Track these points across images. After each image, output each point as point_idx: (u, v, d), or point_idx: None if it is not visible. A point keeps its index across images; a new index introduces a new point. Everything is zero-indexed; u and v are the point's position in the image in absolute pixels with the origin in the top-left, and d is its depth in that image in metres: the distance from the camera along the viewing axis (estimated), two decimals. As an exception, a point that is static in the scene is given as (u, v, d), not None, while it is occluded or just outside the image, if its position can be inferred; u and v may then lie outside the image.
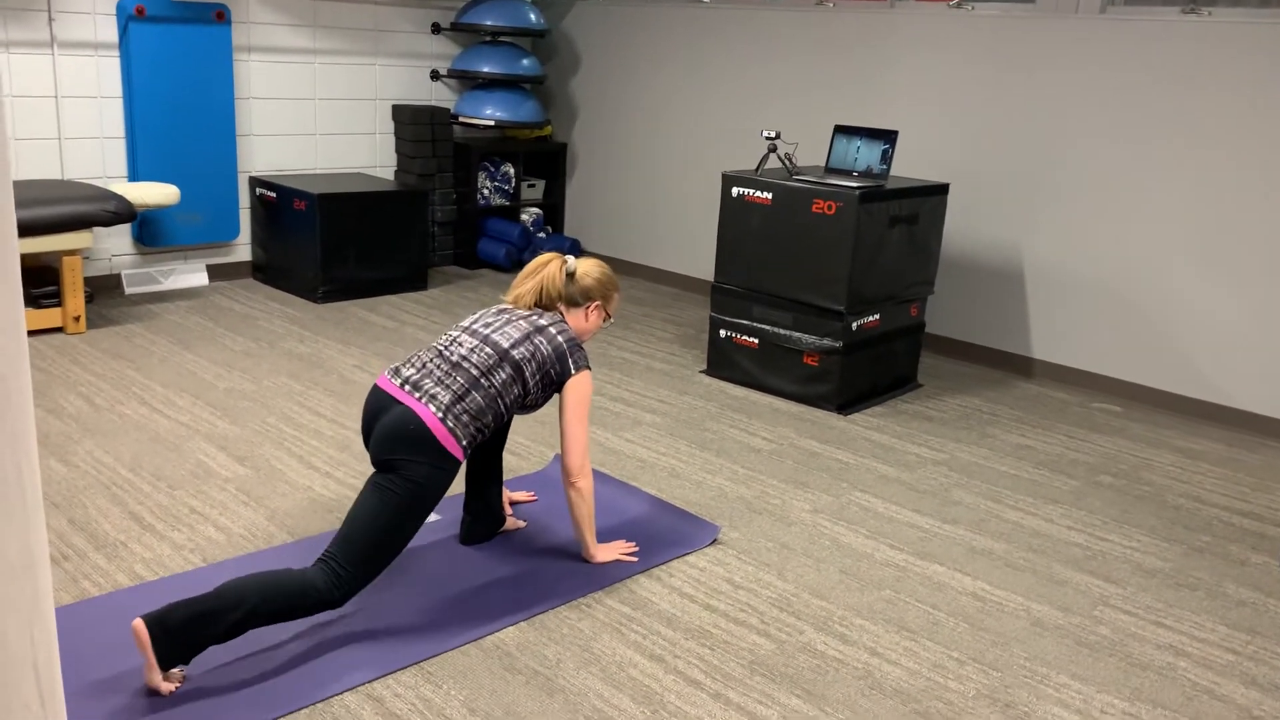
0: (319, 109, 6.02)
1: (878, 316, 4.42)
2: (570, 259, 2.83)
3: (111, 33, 5.18)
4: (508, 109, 6.29)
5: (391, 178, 6.43)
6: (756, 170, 4.55)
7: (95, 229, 5.26)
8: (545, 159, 6.95)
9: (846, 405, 4.36)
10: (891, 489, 3.57)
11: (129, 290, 5.44)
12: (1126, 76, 4.55)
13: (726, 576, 2.89)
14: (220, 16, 5.39)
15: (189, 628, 2.20)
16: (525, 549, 2.97)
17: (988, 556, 3.13)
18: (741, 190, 4.42)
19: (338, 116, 6.11)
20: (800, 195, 4.25)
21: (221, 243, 5.79)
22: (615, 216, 6.73)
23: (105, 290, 5.41)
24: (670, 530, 3.11)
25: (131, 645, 2.38)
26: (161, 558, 2.79)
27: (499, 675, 2.37)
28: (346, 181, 5.79)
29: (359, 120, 6.22)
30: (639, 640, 2.54)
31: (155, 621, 2.18)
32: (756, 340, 4.50)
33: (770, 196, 4.33)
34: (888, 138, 4.38)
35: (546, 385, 2.68)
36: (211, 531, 2.95)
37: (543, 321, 2.71)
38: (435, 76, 6.48)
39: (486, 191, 6.56)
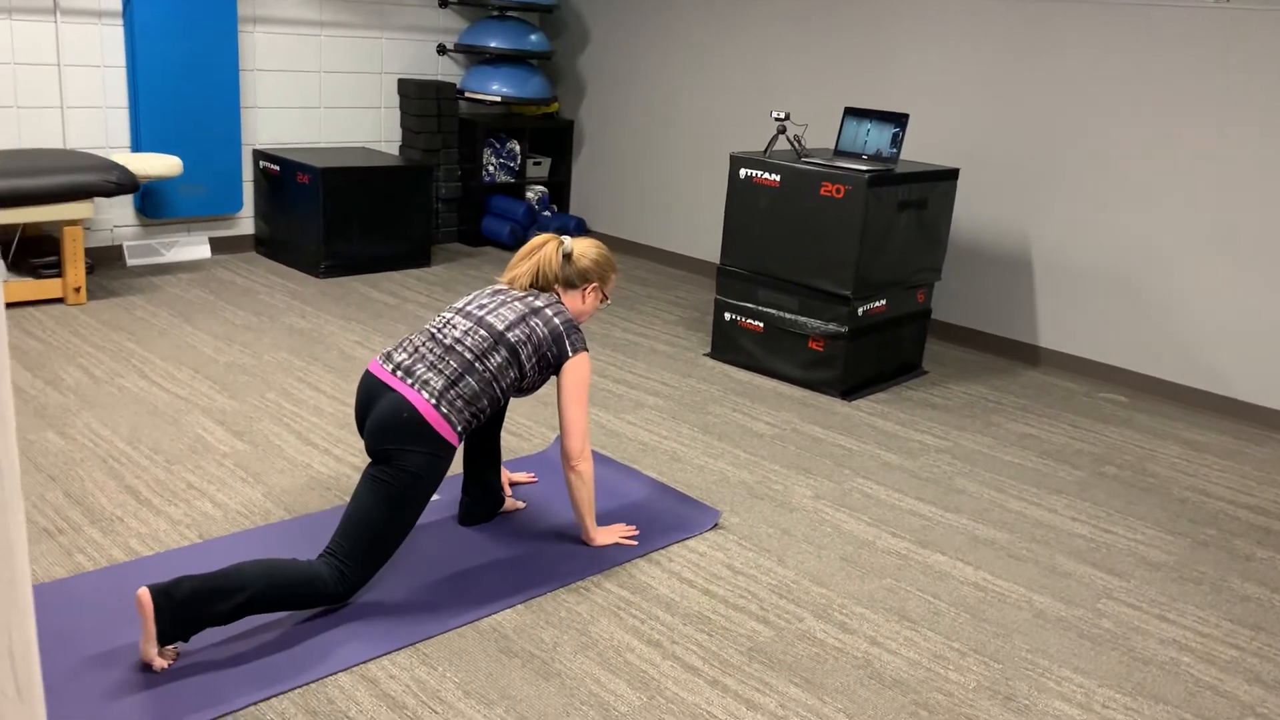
0: (324, 82, 5.96)
1: (884, 302, 4.38)
2: (567, 240, 2.78)
3: (115, 0, 5.12)
4: (514, 85, 6.23)
5: (396, 153, 6.38)
6: (765, 152, 4.50)
7: (97, 199, 5.22)
8: (551, 136, 6.90)
9: (851, 391, 4.33)
10: (894, 476, 3.55)
11: (130, 262, 5.40)
12: (1141, 60, 4.48)
13: (726, 562, 2.86)
14: (225, -14, 5.33)
15: (194, 603, 2.18)
16: (524, 531, 2.94)
17: (990, 546, 3.10)
18: (749, 172, 4.37)
19: (343, 90, 6.06)
20: (808, 178, 4.20)
21: (224, 215, 5.75)
22: (621, 196, 6.68)
23: (107, 261, 5.37)
24: (670, 514, 3.09)
25: (126, 620, 2.36)
26: (157, 533, 2.77)
27: (495, 658, 2.35)
28: (350, 156, 5.75)
29: (364, 94, 6.16)
30: (637, 625, 2.52)
31: (161, 592, 2.16)
32: (761, 324, 4.47)
33: (778, 178, 4.29)
34: (898, 121, 4.32)
35: (543, 368, 2.64)
36: (208, 507, 2.93)
37: (539, 303, 2.66)
38: (442, 51, 6.41)
39: (491, 168, 6.51)
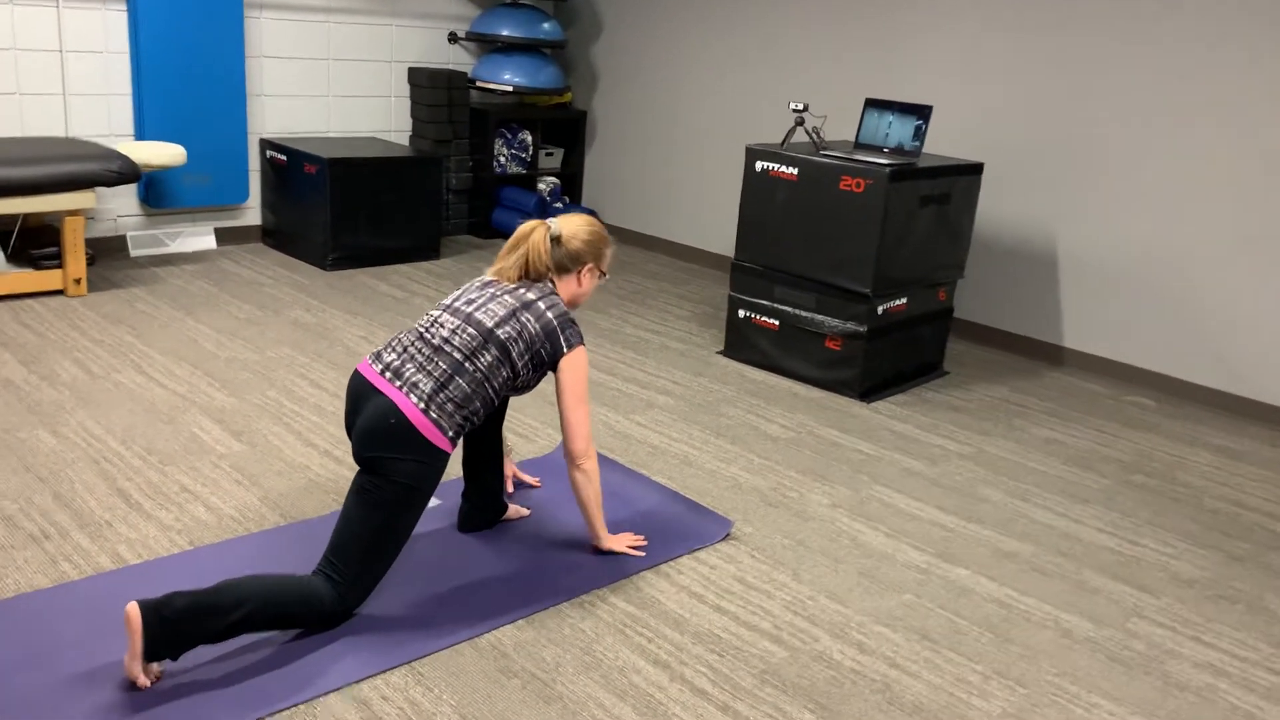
0: (333, 70, 5.85)
1: (905, 300, 4.24)
2: (554, 223, 2.59)
3: (119, -14, 5.02)
4: (527, 74, 6.10)
5: (406, 143, 6.26)
6: (782, 144, 4.36)
7: (99, 189, 5.13)
8: (564, 127, 6.76)
9: (869, 392, 4.19)
10: (914, 484, 3.41)
11: (134, 252, 5.30)
12: (1173, 52, 4.32)
13: (739, 575, 2.74)
14: (231, -29, 5.22)
15: (185, 620, 2.07)
16: (526, 540, 2.82)
17: (1014, 560, 2.97)
18: (766, 165, 4.23)
19: (352, 78, 5.94)
20: (828, 171, 4.06)
21: (230, 206, 5.65)
22: (634, 188, 6.54)
23: (110, 252, 5.28)
24: (681, 523, 2.96)
25: (110, 635, 2.25)
26: (147, 539, 2.66)
27: (493, 678, 2.23)
28: (359, 146, 5.63)
29: (374, 82, 6.04)
30: (644, 644, 2.40)
31: (151, 609, 2.05)
32: (777, 322, 4.33)
33: (796, 172, 4.15)
34: (921, 113, 4.18)
35: (537, 365, 2.50)
36: (201, 512, 2.83)
37: (530, 295, 2.50)
38: (453, 39, 6.28)
39: (503, 159, 6.38)
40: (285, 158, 5.45)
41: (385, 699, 2.14)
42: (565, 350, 2.49)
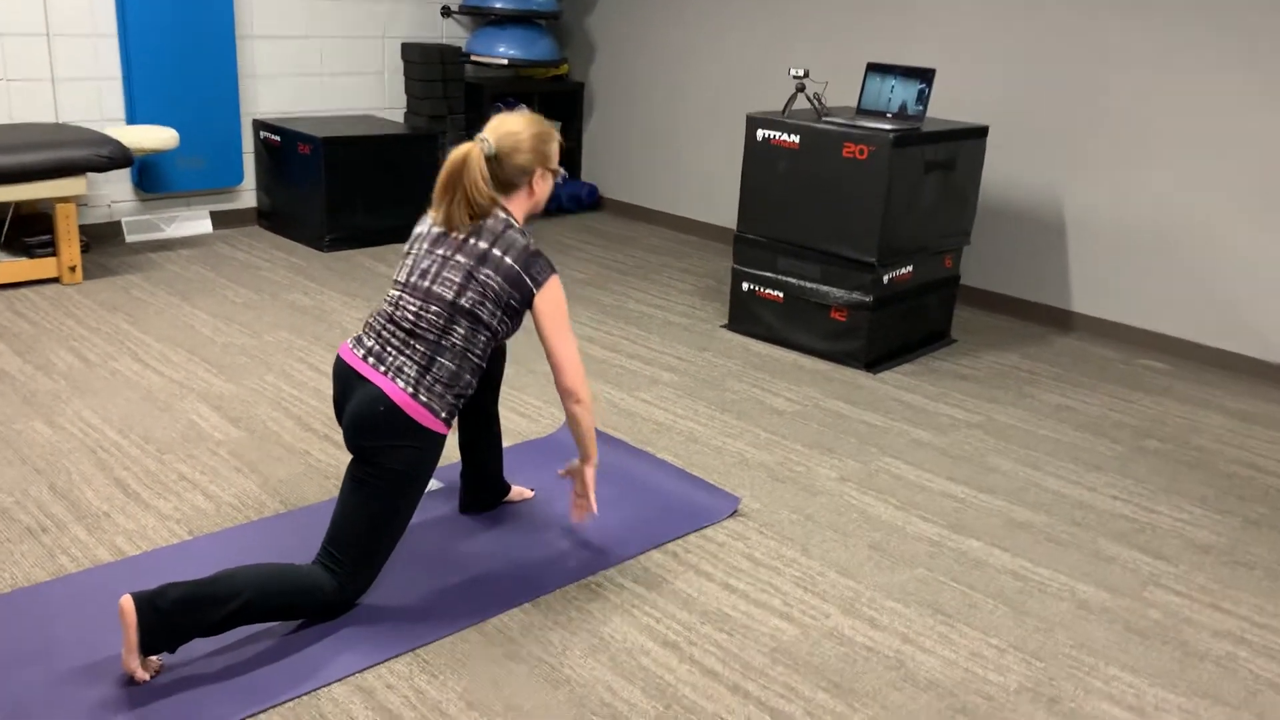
0: (324, 48, 5.76)
1: (910, 268, 4.17)
2: (487, 140, 2.32)
3: (104, -33, 4.93)
4: (522, 47, 6.01)
5: (400, 120, 6.18)
6: (783, 112, 4.28)
7: (91, 175, 5.06)
8: (561, 100, 6.67)
9: (876, 363, 4.13)
10: (924, 454, 3.36)
11: (130, 238, 5.25)
12: (1181, 9, 4.21)
13: (747, 553, 2.69)
14: (218, -51, 5.12)
15: (180, 612, 2.03)
16: (531, 521, 2.78)
17: (1028, 530, 2.92)
18: (767, 133, 4.15)
19: (344, 56, 5.85)
20: (830, 139, 3.98)
21: (225, 188, 5.58)
22: (635, 161, 6.46)
23: (106, 239, 5.22)
24: (687, 501, 2.92)
25: (109, 628, 2.21)
26: (145, 529, 2.62)
27: (500, 664, 2.19)
28: (353, 124, 5.55)
29: (366, 60, 5.95)
30: (652, 625, 2.36)
31: (145, 601, 2.01)
32: (781, 293, 4.27)
33: (797, 140, 4.07)
34: (924, 76, 4.09)
35: (512, 315, 2.32)
36: (200, 500, 2.78)
37: (482, 244, 2.29)
38: (446, 13, 6.19)
39: (500, 134, 6.30)
40: (279, 138, 5.38)
41: (390, 688, 2.10)
42: (535, 290, 2.32)
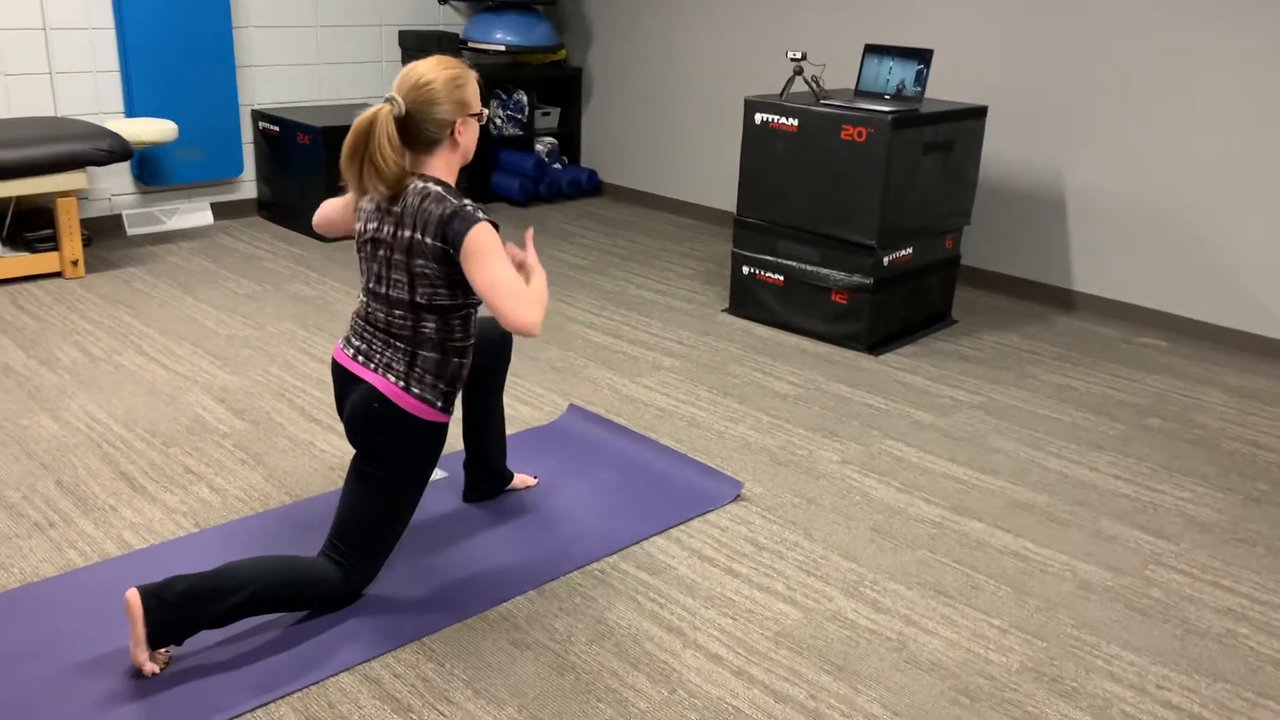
0: (321, 37, 5.75)
1: (910, 250, 4.17)
2: (396, 99, 2.12)
3: (99, -41, 4.92)
4: (519, 33, 5.99)
5: (400, 108, 6.16)
6: (781, 95, 4.27)
7: (91, 169, 5.06)
8: (560, 85, 6.66)
9: (877, 345, 4.14)
10: (925, 436, 3.37)
11: (131, 231, 5.25)
12: (1182, -15, 4.20)
13: (750, 537, 2.71)
14: (213, -61, 5.11)
15: (186, 604, 2.05)
16: (535, 509, 2.80)
17: (1029, 510, 2.93)
18: (765, 116, 4.15)
19: (341, 44, 5.84)
20: (828, 121, 3.97)
21: (225, 180, 5.58)
22: (634, 145, 6.45)
23: (107, 232, 5.23)
24: (690, 486, 2.93)
25: (117, 622, 2.24)
26: (152, 523, 2.64)
27: (506, 651, 2.21)
28: (352, 113, 5.54)
29: (364, 48, 5.94)
30: (656, 610, 2.37)
31: (151, 594, 2.03)
32: (782, 277, 4.27)
33: (796, 123, 4.06)
34: (922, 57, 4.08)
35: (458, 282, 2.19)
36: (206, 493, 2.80)
37: (406, 233, 2.15)
38: (443, 0, 6.17)
39: (499, 121, 6.29)
40: (278, 128, 5.37)
41: (397, 676, 2.12)
42: (458, 252, 2.12)
